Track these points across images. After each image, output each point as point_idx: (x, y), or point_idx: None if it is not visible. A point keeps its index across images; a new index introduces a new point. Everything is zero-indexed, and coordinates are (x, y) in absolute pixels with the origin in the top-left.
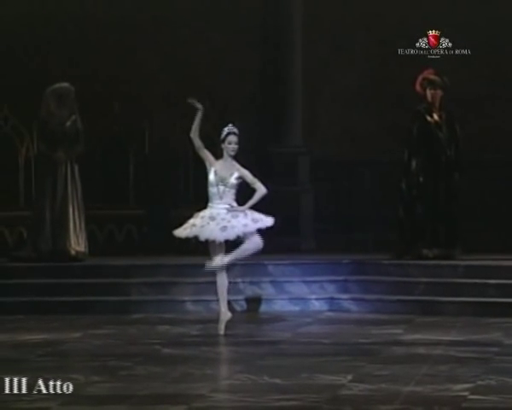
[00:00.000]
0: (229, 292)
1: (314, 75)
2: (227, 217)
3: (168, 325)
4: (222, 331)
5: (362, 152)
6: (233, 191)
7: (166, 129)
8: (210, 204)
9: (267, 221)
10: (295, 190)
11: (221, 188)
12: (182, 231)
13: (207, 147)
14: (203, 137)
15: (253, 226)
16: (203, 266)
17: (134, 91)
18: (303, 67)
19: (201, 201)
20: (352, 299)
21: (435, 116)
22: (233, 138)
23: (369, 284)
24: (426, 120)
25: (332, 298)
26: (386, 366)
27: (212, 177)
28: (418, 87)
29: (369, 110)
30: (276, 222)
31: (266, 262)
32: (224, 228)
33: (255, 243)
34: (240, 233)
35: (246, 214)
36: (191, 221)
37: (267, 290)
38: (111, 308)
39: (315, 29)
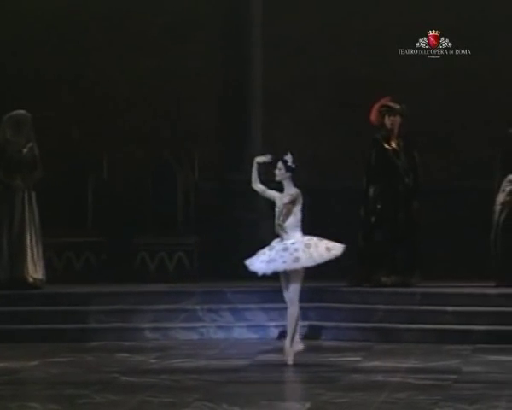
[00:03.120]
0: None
1: (274, 101)
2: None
3: (127, 353)
4: (291, 362)
5: (323, 178)
6: (291, 218)
7: (126, 155)
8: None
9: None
10: (254, 217)
11: (280, 218)
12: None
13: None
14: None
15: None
16: (163, 293)
17: (92, 117)
18: (263, 93)
19: (162, 227)
20: (311, 326)
21: (393, 144)
22: (278, 164)
23: (328, 311)
24: (384, 147)
25: None
26: (345, 394)
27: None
28: (375, 115)
29: (330, 136)
30: (234, 250)
31: (225, 289)
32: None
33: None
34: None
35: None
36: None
37: (226, 318)
38: (69, 336)
39: (275, 55)
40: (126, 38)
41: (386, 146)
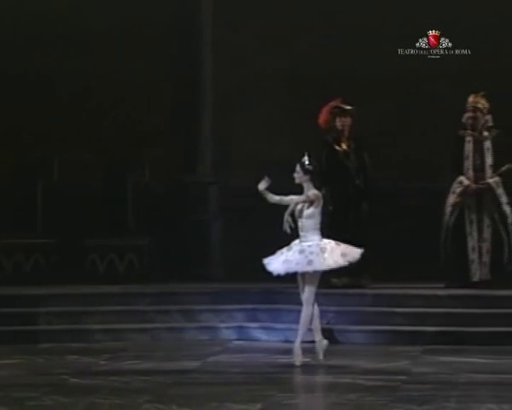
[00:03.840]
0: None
1: (226, 102)
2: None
3: (77, 355)
4: (321, 359)
5: (274, 180)
6: (309, 221)
7: (76, 158)
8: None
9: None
10: (205, 218)
11: (299, 220)
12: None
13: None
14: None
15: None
16: (113, 295)
17: (42, 119)
18: (214, 93)
19: (112, 229)
20: (262, 327)
21: (344, 145)
22: (296, 168)
23: (279, 312)
24: (334, 149)
25: (241, 326)
26: (295, 395)
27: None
28: (326, 116)
29: (282, 137)
30: (185, 251)
31: (176, 290)
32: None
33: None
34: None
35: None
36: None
37: (176, 319)
38: (19, 338)
39: (226, 58)
40: (74, 39)
41: (337, 148)
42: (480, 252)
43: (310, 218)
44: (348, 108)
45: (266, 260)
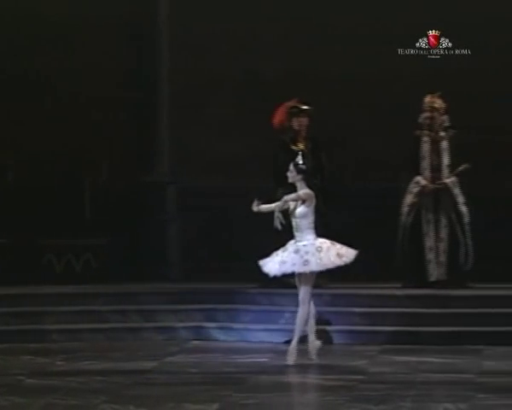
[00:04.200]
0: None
1: (183, 102)
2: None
3: (32, 356)
4: (314, 358)
5: (231, 179)
6: (303, 220)
7: (32, 156)
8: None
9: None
10: (163, 219)
11: (293, 220)
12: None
13: None
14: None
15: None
16: (70, 295)
17: None
18: (171, 96)
19: (69, 229)
20: (220, 328)
21: (301, 145)
22: (290, 167)
23: (237, 312)
24: (291, 149)
25: (199, 327)
26: (253, 395)
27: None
28: (283, 116)
29: (240, 137)
30: (143, 251)
31: (133, 290)
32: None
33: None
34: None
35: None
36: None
37: (134, 319)
38: None
39: (183, 58)
40: (28, 37)
41: (294, 148)
42: (436, 252)
43: (303, 217)
44: (305, 108)
45: (262, 262)
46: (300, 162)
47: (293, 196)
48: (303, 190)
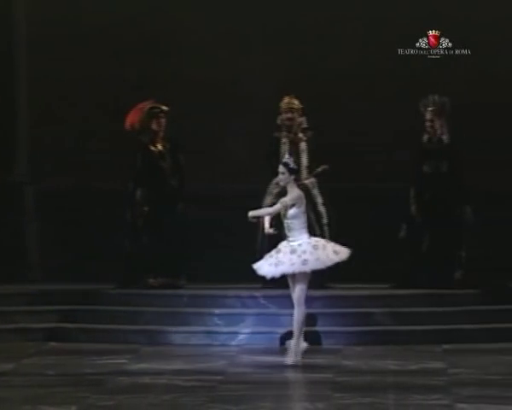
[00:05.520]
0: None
1: (41, 104)
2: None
3: None
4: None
5: (92, 181)
6: (294, 221)
7: None
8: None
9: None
10: (21, 219)
11: (284, 221)
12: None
13: None
14: None
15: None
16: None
17: None
18: (29, 94)
19: None
20: (79, 329)
21: (159, 146)
22: (280, 169)
23: (96, 313)
24: (149, 149)
25: (58, 328)
26: (112, 397)
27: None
28: (140, 117)
29: (98, 139)
30: (2, 252)
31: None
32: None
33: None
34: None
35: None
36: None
37: None
38: None
39: (41, 56)
40: None
41: (152, 148)
42: None
43: (294, 218)
44: (166, 108)
45: (256, 265)
46: (290, 162)
47: (287, 200)
48: (290, 196)
